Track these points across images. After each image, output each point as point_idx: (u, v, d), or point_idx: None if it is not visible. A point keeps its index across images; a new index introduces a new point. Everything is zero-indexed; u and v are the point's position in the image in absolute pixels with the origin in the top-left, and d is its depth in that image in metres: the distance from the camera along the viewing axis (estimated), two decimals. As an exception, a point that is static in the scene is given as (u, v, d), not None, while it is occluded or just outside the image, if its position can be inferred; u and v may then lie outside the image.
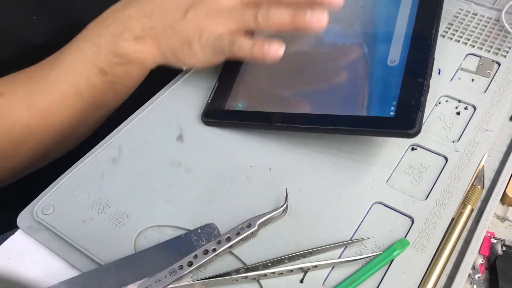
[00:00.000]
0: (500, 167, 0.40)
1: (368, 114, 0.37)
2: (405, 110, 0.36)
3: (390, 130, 0.36)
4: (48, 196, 0.38)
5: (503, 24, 0.50)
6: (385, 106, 0.37)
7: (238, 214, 0.37)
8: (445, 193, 0.38)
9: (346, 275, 0.34)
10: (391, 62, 0.39)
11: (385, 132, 0.36)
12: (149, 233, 0.37)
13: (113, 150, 0.42)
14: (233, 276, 0.33)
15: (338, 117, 0.38)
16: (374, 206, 0.37)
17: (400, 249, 0.34)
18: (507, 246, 0.36)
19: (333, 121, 0.38)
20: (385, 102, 0.37)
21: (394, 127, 0.36)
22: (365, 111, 0.38)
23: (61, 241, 0.36)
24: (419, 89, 0.36)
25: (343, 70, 0.42)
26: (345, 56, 0.42)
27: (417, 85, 0.37)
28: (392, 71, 0.39)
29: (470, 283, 0.34)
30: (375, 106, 0.38)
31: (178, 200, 0.38)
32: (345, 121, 0.38)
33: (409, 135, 0.35)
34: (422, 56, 0.38)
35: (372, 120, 0.37)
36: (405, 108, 0.36)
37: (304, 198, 0.38)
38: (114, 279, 0.33)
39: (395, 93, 0.37)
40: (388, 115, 0.36)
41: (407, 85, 0.37)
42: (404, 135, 0.35)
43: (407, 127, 0.35)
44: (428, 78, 0.37)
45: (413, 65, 0.38)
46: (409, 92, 0.37)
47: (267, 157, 0.41)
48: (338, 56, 0.43)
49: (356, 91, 0.39)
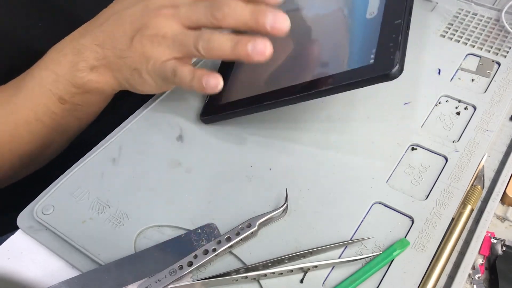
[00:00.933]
0: (500, 167, 0.40)
1: (349, 68, 0.37)
2: (383, 53, 0.35)
3: (370, 76, 0.35)
4: (48, 196, 0.38)
5: (503, 24, 0.50)
6: (365, 56, 0.36)
7: (238, 214, 0.37)
8: (445, 193, 0.38)
9: (346, 275, 0.34)
10: (370, 14, 0.39)
11: (366, 80, 0.35)
12: (149, 233, 0.37)
13: (113, 150, 0.42)
14: (233, 276, 0.33)
15: (320, 79, 0.38)
16: (374, 206, 0.37)
17: (400, 249, 0.34)
18: (507, 246, 0.36)
19: (316, 84, 0.38)
20: (365, 52, 0.36)
21: (374, 72, 0.35)
22: (347, 67, 0.37)
23: (61, 241, 0.36)
24: (396, 30, 0.36)
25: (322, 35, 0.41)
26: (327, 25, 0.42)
27: (394, 27, 0.36)
28: (371, 23, 0.38)
29: (470, 283, 0.34)
30: (355, 59, 0.37)
31: (178, 200, 0.38)
32: (327, 82, 0.37)
33: (389, 76, 0.34)
34: (399, 1, 0.38)
35: (353, 72, 0.36)
36: (384, 51, 0.35)
37: (304, 198, 0.38)
38: (114, 279, 0.33)
39: (374, 41, 0.36)
40: (368, 63, 0.36)
41: (385, 30, 0.36)
42: (384, 77, 0.34)
43: (386, 68, 0.34)
44: (407, 17, 0.36)
45: (391, 12, 0.37)
46: (387, 36, 0.36)
47: (267, 157, 0.41)
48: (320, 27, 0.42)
49: (338, 51, 0.39)
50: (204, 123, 0.43)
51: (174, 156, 0.41)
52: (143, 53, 0.39)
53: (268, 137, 0.42)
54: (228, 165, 0.40)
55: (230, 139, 0.42)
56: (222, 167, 0.40)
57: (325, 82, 0.37)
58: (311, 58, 0.41)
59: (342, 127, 0.42)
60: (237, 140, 0.42)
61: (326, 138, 0.41)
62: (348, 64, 0.37)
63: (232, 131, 0.43)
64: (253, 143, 0.42)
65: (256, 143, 0.42)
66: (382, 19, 0.38)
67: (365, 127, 0.42)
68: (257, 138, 0.42)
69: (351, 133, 0.42)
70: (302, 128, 0.42)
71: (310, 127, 0.42)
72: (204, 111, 0.44)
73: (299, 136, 0.42)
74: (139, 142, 0.42)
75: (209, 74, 0.37)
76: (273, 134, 0.42)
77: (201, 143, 0.42)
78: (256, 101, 0.41)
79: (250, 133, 0.42)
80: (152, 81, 0.40)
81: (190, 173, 0.40)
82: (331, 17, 0.42)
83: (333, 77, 0.37)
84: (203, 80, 0.37)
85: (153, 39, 0.38)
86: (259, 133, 0.42)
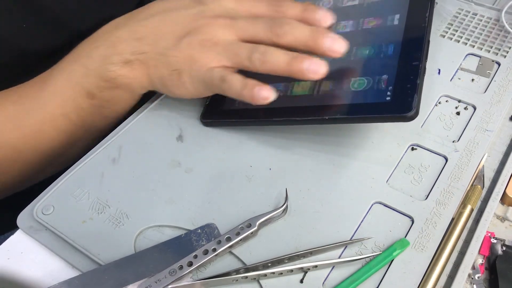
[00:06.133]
0: (500, 167, 0.40)
1: (364, 102, 0.37)
2: (401, 93, 0.35)
3: (387, 114, 0.35)
4: (48, 196, 0.38)
5: (503, 24, 0.50)
6: (381, 91, 0.37)
7: (238, 214, 0.37)
8: (445, 193, 0.38)
9: (346, 275, 0.34)
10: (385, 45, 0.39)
11: (382, 118, 0.36)
12: (149, 233, 0.37)
13: (113, 150, 0.42)
14: (233, 276, 0.33)
15: (334, 106, 0.38)
16: (374, 206, 0.37)
17: (400, 249, 0.34)
18: (507, 246, 0.36)
19: (329, 111, 0.38)
20: (380, 86, 0.37)
21: (391, 111, 0.35)
22: (362, 99, 0.37)
23: (61, 241, 0.36)
24: (415, 72, 0.36)
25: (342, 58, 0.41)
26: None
27: (412, 68, 0.36)
28: (388, 57, 0.39)
29: (470, 283, 0.34)
30: (371, 93, 0.37)
31: (178, 200, 0.38)
32: (341, 110, 0.37)
33: (406, 118, 0.34)
34: (417, 39, 0.38)
35: (369, 107, 0.36)
36: (401, 91, 0.36)
37: (304, 198, 0.38)
38: (114, 279, 0.33)
39: (391, 78, 0.37)
40: (384, 100, 0.36)
41: (402, 69, 0.37)
42: (401, 118, 0.35)
43: (404, 110, 0.34)
44: (424, 61, 0.37)
45: (408, 49, 0.38)
46: (405, 76, 0.36)
47: (267, 157, 0.41)
48: None
49: (353, 76, 0.39)
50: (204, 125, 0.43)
51: (174, 156, 0.41)
52: (191, 55, 0.38)
53: (268, 137, 0.42)
54: (228, 165, 0.40)
55: (230, 139, 0.42)
56: (222, 167, 0.40)
57: (340, 110, 0.37)
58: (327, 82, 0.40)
59: (342, 126, 0.42)
60: (237, 140, 0.42)
61: (326, 137, 0.41)
62: (364, 95, 0.37)
63: (232, 131, 0.43)
64: (253, 143, 0.42)
65: (256, 143, 0.42)
66: (399, 55, 0.38)
67: (365, 127, 0.42)
68: (257, 138, 0.42)
69: (351, 133, 0.42)
70: (302, 128, 0.42)
71: (310, 126, 0.42)
72: (206, 113, 0.43)
73: (299, 136, 0.42)
74: (139, 142, 0.42)
75: (261, 85, 0.37)
76: (273, 134, 0.42)
77: (201, 143, 0.42)
78: (263, 114, 0.41)
79: (250, 133, 0.42)
80: (191, 85, 0.39)
81: (190, 173, 0.40)
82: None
83: (349, 107, 0.37)
84: (255, 90, 0.36)
85: (205, 43, 0.38)
86: (259, 133, 0.42)
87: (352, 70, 0.40)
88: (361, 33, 0.42)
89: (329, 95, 0.39)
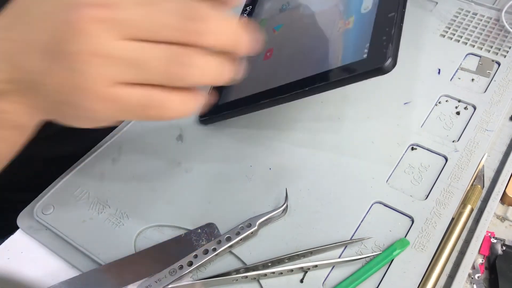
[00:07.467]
0: (500, 167, 0.40)
1: (343, 64, 0.36)
2: (377, 47, 0.35)
3: (363, 70, 0.34)
4: (48, 196, 0.38)
5: (503, 24, 0.50)
6: (358, 51, 0.36)
7: (238, 214, 0.37)
8: (445, 193, 0.38)
9: (346, 275, 0.34)
10: (364, 9, 0.39)
11: (359, 75, 0.35)
12: (149, 233, 0.37)
13: (113, 150, 0.42)
14: (233, 276, 0.33)
15: (314, 76, 0.37)
16: (374, 206, 0.37)
17: (400, 249, 0.34)
18: (507, 245, 0.36)
19: (310, 81, 0.37)
20: (359, 47, 0.36)
21: (367, 66, 0.34)
22: (341, 62, 0.37)
23: (61, 241, 0.36)
24: (390, 23, 0.35)
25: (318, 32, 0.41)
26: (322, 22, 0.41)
27: (388, 21, 0.35)
28: (366, 17, 0.38)
29: (470, 283, 0.34)
30: (349, 54, 0.37)
31: (178, 200, 0.38)
32: (321, 78, 0.37)
33: (382, 70, 0.33)
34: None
35: (347, 68, 0.36)
36: (377, 45, 0.35)
37: (304, 198, 0.38)
38: (114, 279, 0.33)
39: (368, 36, 0.36)
40: (362, 58, 0.35)
41: (378, 24, 0.36)
42: (378, 71, 0.33)
43: (379, 62, 0.33)
44: (399, 12, 0.36)
45: (385, 5, 0.37)
46: (381, 30, 0.35)
47: (267, 157, 0.41)
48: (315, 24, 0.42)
49: (333, 47, 0.39)
50: (203, 124, 0.43)
51: (174, 156, 0.41)
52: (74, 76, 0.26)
53: (268, 137, 0.42)
54: (228, 165, 0.40)
55: (230, 139, 0.42)
56: (222, 167, 0.40)
57: (319, 78, 0.37)
58: (307, 56, 0.40)
59: (342, 127, 0.42)
60: (237, 140, 0.42)
61: (326, 137, 0.41)
62: (342, 59, 0.37)
63: (232, 131, 0.43)
64: (253, 143, 0.42)
65: (256, 143, 0.42)
66: (376, 13, 0.37)
67: (365, 127, 0.42)
68: (256, 138, 0.42)
69: (351, 133, 0.42)
70: (302, 128, 0.42)
71: (310, 126, 0.42)
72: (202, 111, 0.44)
73: (299, 136, 0.42)
74: (139, 142, 0.42)
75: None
76: (273, 134, 0.42)
77: (201, 143, 0.42)
78: (252, 100, 0.40)
79: (250, 133, 0.42)
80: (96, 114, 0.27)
81: (190, 173, 0.40)
82: (327, 14, 0.42)
83: (328, 73, 0.37)
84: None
85: (87, 58, 0.25)
86: (259, 133, 0.42)
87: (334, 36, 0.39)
88: None
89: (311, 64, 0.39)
